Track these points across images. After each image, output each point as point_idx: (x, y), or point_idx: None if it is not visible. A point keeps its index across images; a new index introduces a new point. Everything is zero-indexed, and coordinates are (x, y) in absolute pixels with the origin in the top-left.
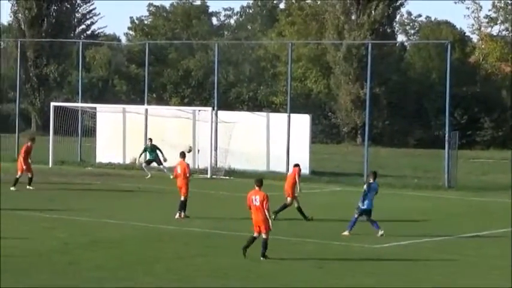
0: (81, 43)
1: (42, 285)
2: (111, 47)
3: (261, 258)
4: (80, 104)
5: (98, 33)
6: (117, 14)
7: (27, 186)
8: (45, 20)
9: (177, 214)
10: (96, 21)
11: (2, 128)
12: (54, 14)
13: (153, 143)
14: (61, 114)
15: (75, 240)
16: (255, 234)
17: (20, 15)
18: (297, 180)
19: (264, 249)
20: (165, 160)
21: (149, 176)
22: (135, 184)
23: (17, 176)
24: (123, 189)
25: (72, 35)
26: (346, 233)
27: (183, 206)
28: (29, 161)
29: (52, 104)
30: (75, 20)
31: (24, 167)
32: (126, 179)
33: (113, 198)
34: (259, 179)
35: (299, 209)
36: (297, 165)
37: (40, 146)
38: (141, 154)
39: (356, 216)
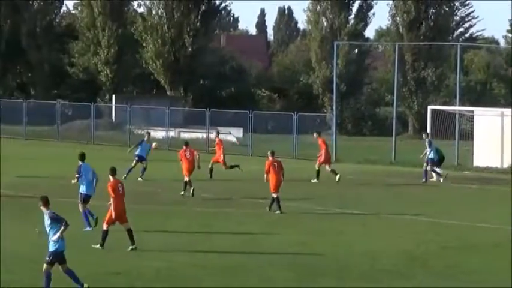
0: (459, 46)
1: (418, 286)
2: (489, 50)
3: None
4: (457, 108)
5: (477, 36)
6: (496, 17)
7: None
8: (423, 23)
9: None
10: (475, 24)
11: (379, 131)
12: (432, 17)
13: None
14: (438, 117)
15: (451, 244)
16: None
17: (398, 18)
18: None
19: None
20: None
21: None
22: None
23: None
24: (501, 193)
25: (450, 38)
26: None
27: None
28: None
29: (429, 107)
30: (454, 23)
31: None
32: (505, 183)
33: (491, 202)
34: None
35: None
36: None
37: (417, 150)
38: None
39: None
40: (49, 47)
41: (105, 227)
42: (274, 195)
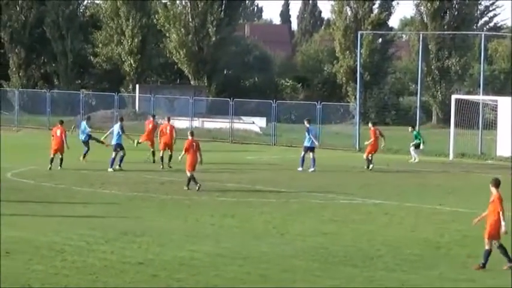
0: (483, 35)
1: (441, 275)
2: None
3: None
4: (481, 97)
5: (501, 25)
6: None
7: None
8: (448, 12)
9: None
10: (499, 13)
11: (403, 121)
12: (456, 6)
13: None
14: (462, 107)
15: (474, 233)
16: None
17: (422, 7)
18: None
19: None
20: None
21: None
22: None
23: None
24: None
25: (474, 27)
26: None
27: None
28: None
29: (453, 96)
30: (478, 12)
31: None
32: None
33: None
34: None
35: None
36: None
37: (440, 139)
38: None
39: None
40: (73, 37)
41: None
42: (189, 174)
